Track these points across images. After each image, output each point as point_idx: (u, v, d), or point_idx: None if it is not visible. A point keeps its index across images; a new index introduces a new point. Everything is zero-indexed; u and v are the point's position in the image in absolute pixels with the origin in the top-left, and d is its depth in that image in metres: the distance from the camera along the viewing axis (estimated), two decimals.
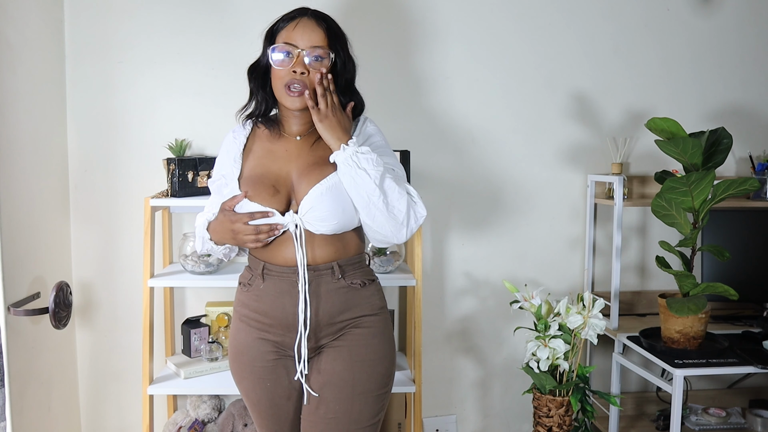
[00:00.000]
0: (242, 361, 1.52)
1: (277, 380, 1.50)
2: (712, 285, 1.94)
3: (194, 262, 2.14)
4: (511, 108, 2.40)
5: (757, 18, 2.49)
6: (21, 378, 1.72)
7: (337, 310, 1.47)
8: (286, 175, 1.48)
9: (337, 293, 1.47)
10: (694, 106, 2.49)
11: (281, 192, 1.46)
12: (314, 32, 1.44)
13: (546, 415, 1.96)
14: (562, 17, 2.39)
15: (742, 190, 1.90)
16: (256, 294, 1.50)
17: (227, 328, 2.27)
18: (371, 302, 1.52)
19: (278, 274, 1.47)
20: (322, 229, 1.43)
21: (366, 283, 1.52)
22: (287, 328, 1.47)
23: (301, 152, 1.50)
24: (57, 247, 2.14)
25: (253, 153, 1.53)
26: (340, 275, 1.47)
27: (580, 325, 1.91)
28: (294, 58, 1.43)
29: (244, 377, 1.53)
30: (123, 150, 2.27)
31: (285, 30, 1.46)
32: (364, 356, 1.48)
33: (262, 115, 1.54)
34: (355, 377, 1.47)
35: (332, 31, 1.47)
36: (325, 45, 1.44)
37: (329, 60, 1.45)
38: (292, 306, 1.45)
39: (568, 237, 2.48)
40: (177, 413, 2.27)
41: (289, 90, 1.43)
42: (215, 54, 2.27)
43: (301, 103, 1.44)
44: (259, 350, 1.50)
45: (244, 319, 1.52)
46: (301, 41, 1.43)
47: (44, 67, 2.07)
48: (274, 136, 1.53)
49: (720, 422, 2.26)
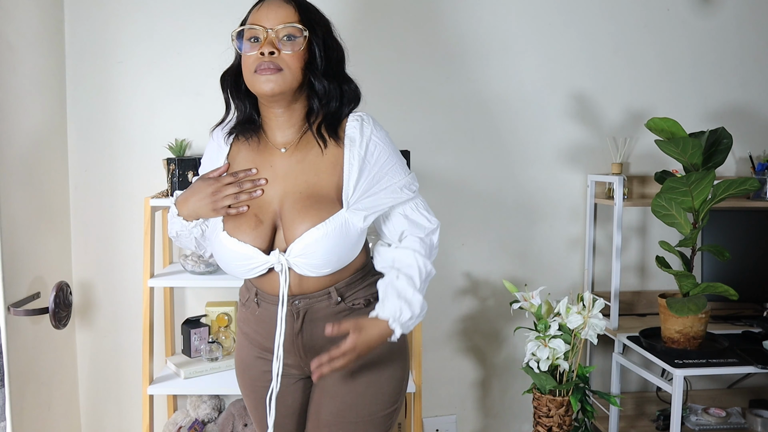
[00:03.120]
0: (245, 377, 1.48)
1: (279, 398, 1.40)
2: (712, 285, 1.94)
3: (194, 262, 2.14)
4: (510, 108, 2.40)
5: (757, 18, 2.49)
6: (21, 378, 1.72)
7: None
8: (271, 200, 1.30)
9: (337, 317, 1.33)
10: (694, 106, 2.49)
11: (265, 222, 1.29)
12: (281, 8, 1.25)
13: (546, 415, 1.96)
14: (562, 17, 2.39)
15: (742, 190, 1.90)
16: (253, 317, 1.41)
17: (227, 327, 2.27)
18: None
19: (271, 302, 1.35)
20: (312, 275, 1.28)
21: (370, 300, 1.37)
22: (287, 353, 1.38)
23: (288, 170, 1.31)
24: (57, 247, 2.14)
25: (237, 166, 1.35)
26: (338, 299, 1.33)
27: (580, 325, 1.91)
28: (262, 41, 1.23)
29: (248, 395, 1.49)
30: (123, 150, 2.27)
31: (251, 15, 1.29)
32: (368, 378, 1.37)
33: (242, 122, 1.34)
34: (360, 400, 1.36)
35: (303, 7, 1.27)
36: (295, 21, 1.24)
37: (303, 38, 1.24)
38: (289, 334, 1.35)
39: (568, 237, 2.48)
40: (177, 413, 2.27)
41: (259, 73, 1.23)
42: (215, 54, 2.26)
43: (276, 86, 1.23)
44: (260, 369, 1.44)
45: (246, 336, 1.46)
46: (266, 21, 1.24)
47: (44, 67, 2.07)
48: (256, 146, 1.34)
49: (720, 422, 2.25)
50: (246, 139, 1.35)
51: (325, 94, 1.29)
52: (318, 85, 1.28)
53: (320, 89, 1.28)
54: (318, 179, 1.30)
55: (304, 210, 1.26)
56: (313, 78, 1.27)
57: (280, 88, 1.24)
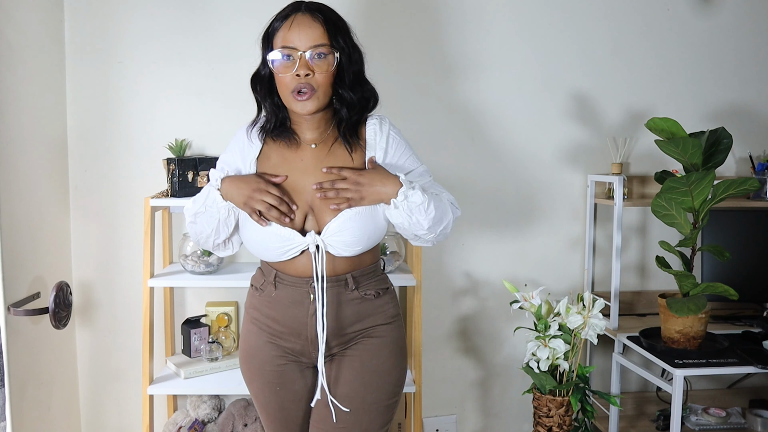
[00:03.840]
0: (252, 363, 1.50)
1: (286, 384, 1.49)
2: (712, 285, 1.94)
3: (194, 262, 2.14)
4: (510, 108, 2.40)
5: (757, 18, 2.49)
6: (21, 378, 1.72)
7: (349, 321, 1.45)
8: (303, 189, 1.42)
9: (350, 304, 1.44)
10: (694, 106, 2.49)
11: (299, 207, 1.41)
12: (311, 29, 1.34)
13: (546, 415, 1.96)
14: (561, 18, 2.39)
15: (742, 190, 1.90)
16: (268, 300, 1.47)
17: (227, 328, 2.27)
18: (385, 311, 1.49)
19: (290, 283, 1.44)
20: (344, 253, 1.40)
21: (380, 293, 1.48)
22: (298, 336, 1.45)
23: (318, 163, 1.43)
24: (57, 247, 2.14)
25: (269, 161, 1.46)
26: (354, 287, 1.44)
27: (580, 325, 1.91)
28: (296, 61, 1.34)
29: (254, 379, 1.51)
30: (123, 150, 2.27)
31: (281, 31, 1.36)
32: (375, 366, 1.46)
33: (275, 127, 1.46)
34: (366, 388, 1.45)
35: (331, 23, 1.37)
36: (325, 41, 1.35)
37: (333, 57, 1.36)
38: (303, 316, 1.43)
39: (568, 237, 2.48)
40: (177, 413, 2.27)
41: (297, 95, 1.35)
42: (215, 54, 2.27)
43: (312, 106, 1.36)
44: (269, 354, 1.48)
45: (255, 322, 1.50)
46: (299, 41, 1.34)
47: (44, 67, 2.07)
48: (290, 145, 1.46)
49: (720, 422, 2.25)
50: (282, 139, 1.47)
51: (353, 104, 1.43)
52: (347, 95, 1.42)
53: (349, 99, 1.42)
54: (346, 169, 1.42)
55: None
56: (342, 90, 1.41)
57: (315, 108, 1.38)
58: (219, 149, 2.31)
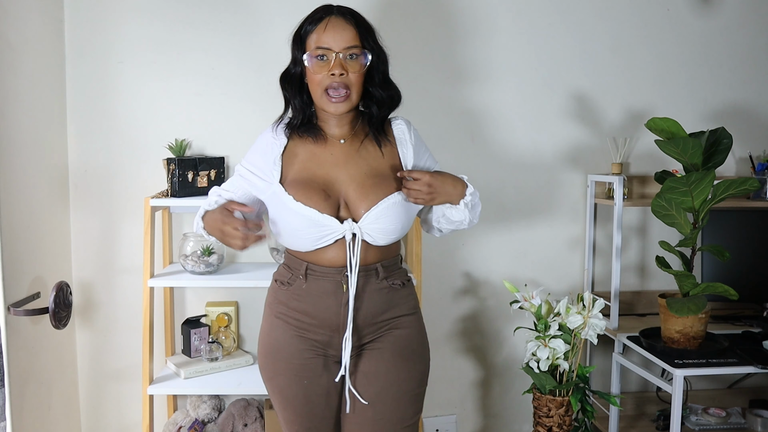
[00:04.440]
0: (278, 357, 1.51)
1: (315, 378, 1.50)
2: (712, 285, 1.94)
3: (194, 262, 2.14)
4: (510, 108, 2.40)
5: (757, 18, 2.49)
6: (21, 378, 1.72)
7: (380, 310, 1.49)
8: (335, 181, 1.47)
9: (380, 293, 1.49)
10: (694, 106, 2.49)
11: (332, 197, 1.45)
12: (345, 30, 1.42)
13: (546, 415, 1.96)
14: (561, 17, 2.39)
15: (742, 190, 1.90)
16: (297, 293, 1.49)
17: (227, 328, 2.27)
18: (409, 302, 1.55)
19: (322, 275, 1.47)
20: (380, 242, 1.45)
21: (404, 283, 1.54)
22: (330, 327, 1.48)
23: (349, 157, 1.50)
24: (57, 247, 2.14)
25: (296, 157, 1.51)
26: (384, 276, 1.49)
27: (580, 325, 1.91)
28: (330, 61, 1.41)
29: (279, 373, 1.51)
30: (123, 150, 2.27)
31: (315, 33, 1.43)
32: (406, 356, 1.51)
33: (301, 124, 1.51)
34: (400, 377, 1.49)
35: (362, 25, 1.45)
36: (358, 43, 1.43)
37: (365, 58, 1.44)
38: (336, 306, 1.46)
39: (568, 237, 2.48)
40: (177, 413, 2.27)
41: (329, 95, 1.42)
42: (215, 54, 2.27)
43: (345, 107, 1.44)
44: (297, 347, 1.49)
45: (281, 316, 1.51)
46: (333, 42, 1.41)
47: (44, 67, 2.07)
48: (316, 140, 1.51)
49: (720, 422, 2.25)
50: (309, 135, 1.51)
51: (383, 101, 1.51)
52: (377, 93, 1.50)
53: (379, 97, 1.50)
54: (378, 163, 1.50)
55: (373, 186, 1.46)
56: (372, 89, 1.50)
57: (348, 108, 1.46)
58: (219, 149, 2.31)
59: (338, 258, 1.45)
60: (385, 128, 1.55)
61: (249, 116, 2.30)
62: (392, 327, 1.51)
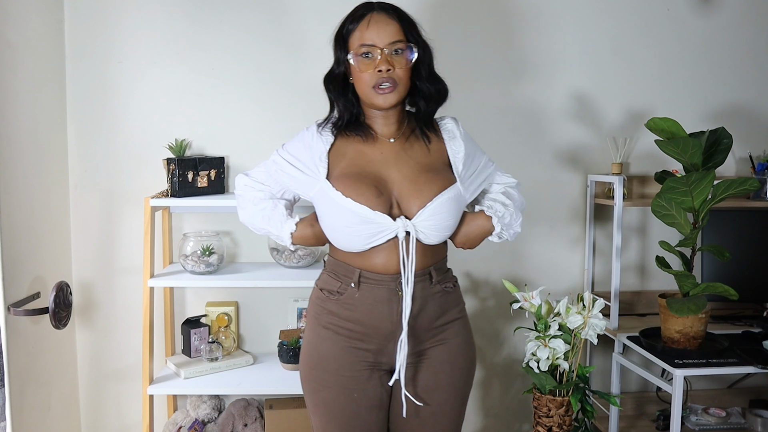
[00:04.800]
0: (326, 370, 1.45)
1: (365, 391, 1.45)
2: (712, 285, 1.94)
3: (194, 262, 2.14)
4: (510, 108, 2.40)
5: (757, 18, 2.49)
6: (21, 378, 1.71)
7: (435, 315, 1.46)
8: (387, 179, 1.43)
9: (434, 298, 1.46)
10: (694, 106, 2.49)
11: (384, 194, 1.41)
12: (388, 26, 1.39)
13: (546, 415, 1.96)
14: (561, 17, 2.39)
15: (742, 190, 1.90)
16: (348, 303, 1.44)
17: (227, 328, 2.27)
18: (459, 304, 1.54)
19: (377, 282, 1.42)
20: (433, 239, 1.41)
21: (454, 285, 1.53)
22: (385, 337, 1.43)
23: (399, 156, 1.46)
24: (57, 247, 2.14)
25: (344, 156, 1.46)
26: (437, 280, 1.46)
27: (580, 325, 1.90)
28: (376, 58, 1.38)
29: (326, 386, 1.46)
30: (123, 150, 2.27)
31: (357, 31, 1.40)
32: (461, 365, 1.50)
33: (347, 124, 1.48)
34: (456, 387, 1.50)
35: (405, 19, 1.43)
36: (402, 38, 1.40)
37: (410, 52, 1.41)
38: (390, 314, 1.42)
39: (568, 237, 2.48)
40: (177, 413, 2.27)
41: (378, 89, 1.39)
42: (215, 54, 2.27)
43: (394, 98, 1.40)
44: (347, 359, 1.44)
45: (331, 327, 1.46)
46: (378, 39, 1.38)
47: (44, 67, 2.07)
48: (366, 139, 1.47)
49: (720, 422, 2.25)
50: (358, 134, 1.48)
51: (431, 95, 1.48)
52: (425, 87, 1.47)
53: (427, 91, 1.47)
54: (428, 160, 1.47)
55: (426, 182, 1.42)
56: (420, 83, 1.46)
57: (396, 100, 1.42)
58: (219, 149, 2.31)
59: (391, 263, 1.41)
60: (432, 128, 1.53)
61: (249, 116, 2.30)
62: (446, 333, 1.49)
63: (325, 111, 1.53)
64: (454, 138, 1.51)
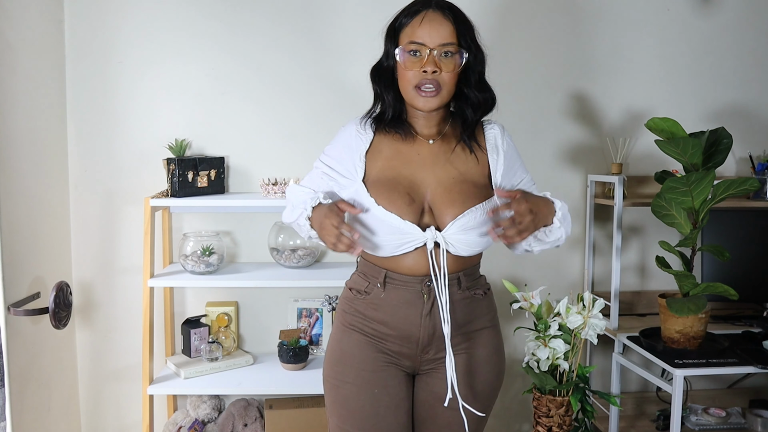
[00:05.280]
0: (347, 365, 1.43)
1: (386, 389, 1.41)
2: (712, 285, 1.94)
3: (194, 262, 2.14)
4: (511, 108, 2.40)
5: (757, 18, 2.49)
6: (21, 378, 1.72)
7: (462, 321, 1.42)
8: (421, 183, 1.39)
9: (461, 304, 1.42)
10: (694, 106, 2.49)
11: (416, 201, 1.37)
12: (442, 26, 1.33)
13: (546, 415, 1.96)
14: (561, 17, 2.39)
15: (742, 190, 1.90)
16: (374, 303, 1.41)
17: (227, 328, 2.27)
18: (490, 313, 1.49)
19: (402, 283, 1.39)
20: (463, 253, 1.37)
21: (485, 292, 1.48)
22: (408, 339, 1.40)
23: (437, 159, 1.41)
24: (57, 247, 2.14)
25: (381, 153, 1.42)
26: (466, 285, 1.42)
27: (580, 325, 1.91)
28: (423, 57, 1.33)
29: (346, 381, 1.42)
30: (123, 150, 2.27)
31: (409, 27, 1.35)
32: (485, 377, 1.46)
33: (391, 120, 1.43)
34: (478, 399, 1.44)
35: (460, 22, 1.36)
36: (454, 40, 1.34)
37: (461, 57, 1.36)
38: (415, 317, 1.39)
39: (568, 237, 2.48)
40: (177, 413, 2.27)
41: (420, 90, 1.34)
42: (215, 54, 2.27)
43: (435, 103, 1.36)
44: (369, 355, 1.42)
45: (356, 324, 1.44)
46: (428, 38, 1.33)
47: (44, 67, 2.07)
48: (405, 138, 1.43)
49: (720, 422, 2.25)
50: (398, 131, 1.43)
51: (478, 104, 1.42)
52: (472, 95, 1.41)
53: (474, 99, 1.42)
54: (467, 168, 1.42)
55: (461, 192, 1.37)
56: (467, 90, 1.41)
57: (438, 105, 1.37)
58: (219, 149, 2.31)
59: (419, 265, 1.37)
60: (477, 133, 1.46)
61: (249, 116, 2.30)
62: (473, 342, 1.44)
63: (325, 112, 1.53)
64: (495, 147, 1.46)
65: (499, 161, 1.45)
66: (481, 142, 1.46)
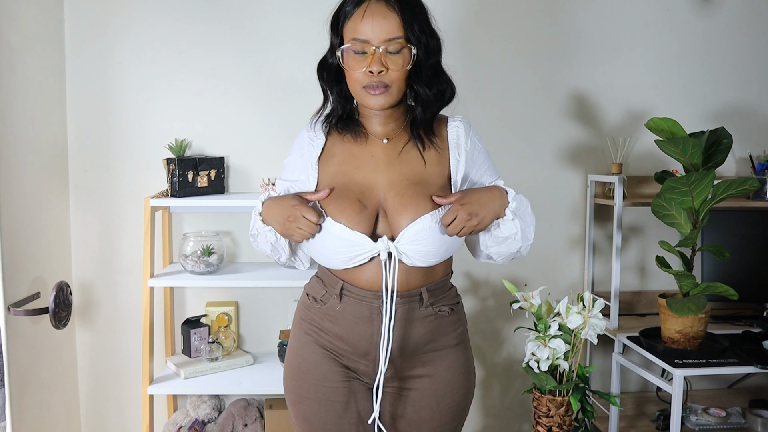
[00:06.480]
0: (306, 380, 1.34)
1: (348, 405, 1.33)
2: (712, 285, 1.94)
3: (194, 262, 2.14)
4: (511, 108, 2.40)
5: (757, 18, 2.49)
6: (21, 378, 1.72)
7: (423, 341, 1.32)
8: (374, 187, 1.29)
9: (424, 322, 1.31)
10: (694, 106, 2.49)
11: (368, 208, 1.27)
12: (386, 19, 1.22)
13: (546, 415, 1.96)
14: (561, 17, 2.39)
15: (742, 190, 1.90)
16: (330, 315, 1.33)
17: (227, 328, 2.27)
18: (456, 329, 1.38)
19: (359, 297, 1.29)
20: (419, 263, 1.26)
21: (453, 309, 1.37)
22: (364, 356, 1.32)
23: (390, 160, 1.31)
24: (57, 247, 2.14)
25: (333, 158, 1.33)
26: (429, 302, 1.31)
27: (580, 325, 1.90)
28: (368, 56, 1.22)
29: (307, 397, 1.34)
30: (123, 150, 2.27)
31: (352, 20, 1.24)
32: (450, 400, 1.36)
33: (341, 119, 1.34)
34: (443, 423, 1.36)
35: (407, 11, 1.24)
36: (401, 34, 1.22)
37: (410, 53, 1.24)
38: (372, 334, 1.30)
39: (568, 237, 2.48)
40: (177, 413, 2.27)
41: (368, 89, 1.24)
42: (215, 54, 2.27)
43: (386, 101, 1.25)
44: (330, 369, 1.33)
45: (312, 333, 1.35)
46: (372, 34, 1.21)
47: (44, 67, 2.07)
48: (356, 139, 1.34)
49: (720, 422, 2.25)
50: (348, 132, 1.35)
51: (429, 101, 1.31)
52: (422, 92, 1.29)
53: (425, 96, 1.30)
54: (424, 169, 1.31)
55: (414, 196, 1.27)
56: (417, 87, 1.29)
57: (388, 103, 1.27)
58: (219, 149, 2.31)
59: (376, 279, 1.27)
60: (438, 128, 1.36)
61: (249, 116, 2.30)
62: (437, 363, 1.34)
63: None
64: (458, 146, 1.35)
65: (460, 161, 1.34)
66: (443, 139, 1.35)
